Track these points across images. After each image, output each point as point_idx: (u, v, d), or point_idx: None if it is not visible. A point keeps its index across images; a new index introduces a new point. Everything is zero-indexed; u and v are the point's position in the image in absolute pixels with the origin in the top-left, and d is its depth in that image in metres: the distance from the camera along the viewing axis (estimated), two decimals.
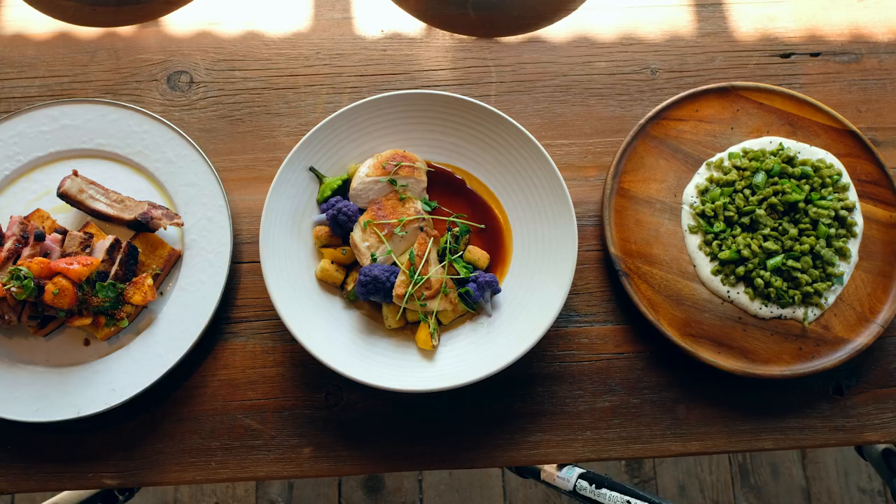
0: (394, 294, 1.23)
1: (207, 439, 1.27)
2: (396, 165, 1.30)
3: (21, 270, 1.22)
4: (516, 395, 1.30)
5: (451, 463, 1.28)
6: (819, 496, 2.58)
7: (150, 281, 1.28)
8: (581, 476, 1.22)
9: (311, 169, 1.32)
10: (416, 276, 1.24)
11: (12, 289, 1.21)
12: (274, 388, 1.29)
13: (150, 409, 1.28)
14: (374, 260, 1.26)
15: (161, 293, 1.32)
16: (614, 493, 1.12)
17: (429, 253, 1.27)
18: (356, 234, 1.28)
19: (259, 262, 1.35)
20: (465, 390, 1.28)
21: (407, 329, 1.29)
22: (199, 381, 1.30)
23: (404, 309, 1.26)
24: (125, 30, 1.48)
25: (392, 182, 1.30)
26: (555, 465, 1.33)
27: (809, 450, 2.63)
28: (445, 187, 1.36)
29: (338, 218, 1.28)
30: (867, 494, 2.58)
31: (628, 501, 1.09)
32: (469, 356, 1.25)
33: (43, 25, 1.49)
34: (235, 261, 1.35)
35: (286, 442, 1.27)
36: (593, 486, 1.18)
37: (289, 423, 1.28)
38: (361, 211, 1.31)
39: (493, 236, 1.35)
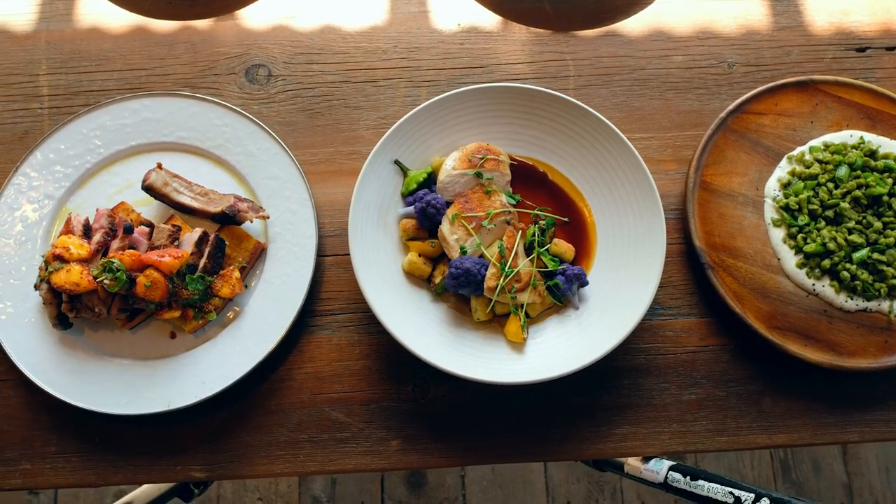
0: (485, 286, 1.23)
1: (295, 432, 1.27)
2: (482, 158, 1.30)
3: (113, 263, 1.22)
4: (602, 387, 1.30)
5: (537, 455, 1.28)
6: (861, 492, 2.59)
7: (237, 274, 1.28)
8: (672, 468, 1.22)
9: (396, 162, 1.33)
10: (506, 269, 1.24)
11: (105, 281, 1.21)
12: (360, 381, 1.30)
13: (237, 402, 1.28)
14: (463, 252, 1.26)
15: (246, 286, 1.32)
16: (713, 485, 1.12)
17: (517, 245, 1.27)
18: (445, 227, 1.28)
19: (342, 255, 1.35)
20: (552, 383, 1.27)
21: (494, 322, 1.29)
22: (286, 374, 1.30)
23: (492, 301, 1.26)
24: (202, 23, 1.48)
25: (478, 175, 1.30)
26: (639, 458, 1.33)
27: (850, 446, 2.63)
28: (528, 181, 1.37)
29: (426, 210, 1.28)
30: None
31: (731, 492, 1.09)
32: (559, 349, 1.25)
33: (119, 19, 1.49)
34: (318, 254, 1.35)
35: (374, 435, 1.27)
36: (687, 477, 1.18)
37: (376, 416, 1.28)
38: (448, 204, 1.31)
39: (576, 229, 1.35)
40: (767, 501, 1.02)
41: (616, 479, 2.60)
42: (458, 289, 1.25)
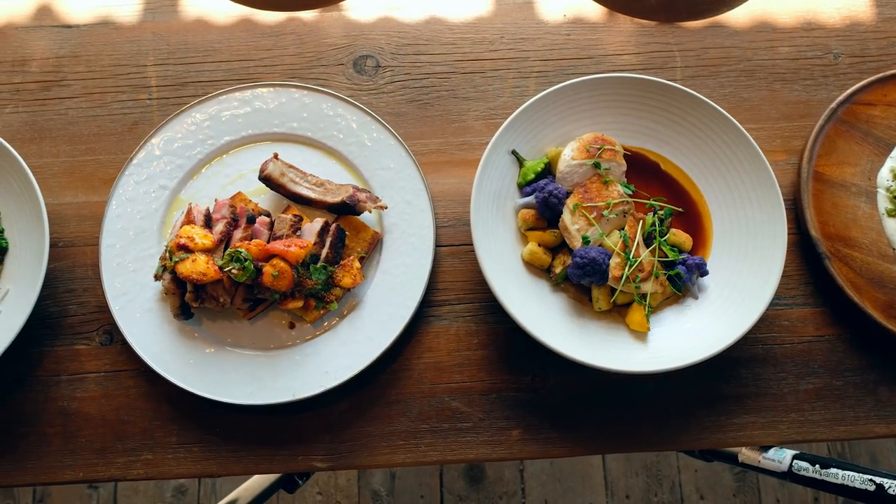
0: (610, 276, 1.24)
1: (416, 422, 1.28)
2: (600, 149, 1.30)
3: (241, 252, 1.22)
4: (720, 377, 1.30)
5: (658, 445, 1.29)
6: None
7: (357, 264, 1.28)
8: (796, 456, 1.22)
9: (513, 152, 1.33)
10: (630, 258, 1.24)
11: (233, 271, 1.21)
12: (480, 371, 1.30)
13: (357, 392, 1.28)
14: (585, 242, 1.26)
15: (363, 276, 1.32)
16: (849, 473, 1.12)
17: (638, 235, 1.27)
18: (566, 217, 1.28)
19: (457, 245, 1.36)
20: (670, 372, 1.28)
21: (614, 311, 1.29)
22: (405, 364, 1.30)
23: (613, 291, 1.26)
24: (307, 14, 1.48)
25: (596, 165, 1.30)
26: (755, 448, 1.33)
27: None
28: (640, 171, 1.37)
29: (548, 200, 1.28)
30: None
31: (870, 480, 1.09)
32: (681, 338, 1.26)
33: (225, 10, 1.48)
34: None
35: (494, 424, 1.28)
36: (816, 465, 1.18)
37: (496, 406, 1.28)
38: (567, 194, 1.31)
39: (690, 219, 1.35)
40: None
41: (674, 473, 2.60)
42: (582, 278, 1.25)
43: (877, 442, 2.63)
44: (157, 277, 1.27)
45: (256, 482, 1.48)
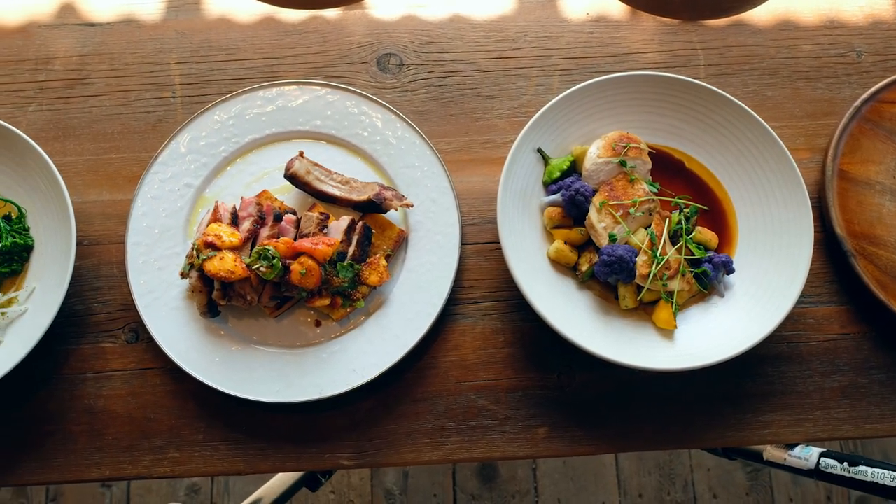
0: (637, 274, 1.24)
1: (442, 419, 1.28)
2: (625, 147, 1.30)
3: (268, 250, 1.22)
4: (746, 375, 1.30)
5: (683, 443, 1.29)
6: None
7: (384, 262, 1.28)
8: (824, 454, 1.22)
9: (539, 150, 1.33)
10: (657, 256, 1.24)
11: (261, 269, 1.21)
12: (506, 369, 1.30)
13: (383, 390, 1.28)
14: (612, 240, 1.26)
15: (390, 275, 1.32)
16: (879, 470, 1.12)
17: (664, 233, 1.27)
18: (593, 215, 1.28)
19: (482, 243, 1.36)
20: (696, 370, 1.28)
21: (640, 309, 1.29)
22: (431, 362, 1.30)
23: (640, 289, 1.26)
24: (330, 13, 1.48)
25: (622, 163, 1.30)
26: (780, 446, 1.33)
27: None
28: (665, 169, 1.37)
29: (575, 199, 1.28)
30: None
31: None
32: (708, 336, 1.26)
33: (248, 8, 1.48)
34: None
35: (521, 422, 1.28)
36: (844, 463, 1.18)
37: (523, 404, 1.28)
38: (594, 192, 1.31)
39: (715, 217, 1.35)
40: None
41: (687, 472, 2.60)
42: (609, 276, 1.25)
43: (891, 440, 2.63)
44: (183, 275, 1.27)
45: (279, 480, 1.48)
